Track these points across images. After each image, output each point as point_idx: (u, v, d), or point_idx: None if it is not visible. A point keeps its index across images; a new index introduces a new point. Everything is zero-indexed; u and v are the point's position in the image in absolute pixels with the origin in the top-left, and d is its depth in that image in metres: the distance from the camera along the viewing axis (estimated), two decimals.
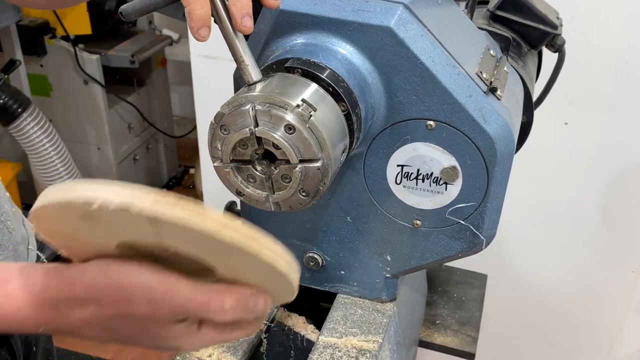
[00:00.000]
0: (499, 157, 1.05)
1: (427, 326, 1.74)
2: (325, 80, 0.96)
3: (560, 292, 2.72)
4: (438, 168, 1.08)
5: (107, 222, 0.67)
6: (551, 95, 1.59)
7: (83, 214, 0.67)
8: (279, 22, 1.04)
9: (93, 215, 0.66)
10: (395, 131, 1.07)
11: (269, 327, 1.34)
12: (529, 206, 2.54)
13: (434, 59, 1.01)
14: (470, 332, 1.74)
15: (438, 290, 1.89)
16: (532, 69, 1.49)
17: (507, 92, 1.14)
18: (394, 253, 1.21)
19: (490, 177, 1.07)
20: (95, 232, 0.71)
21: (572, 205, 2.51)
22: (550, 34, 1.45)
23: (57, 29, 3.61)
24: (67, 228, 0.72)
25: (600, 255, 2.59)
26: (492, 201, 1.10)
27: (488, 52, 1.19)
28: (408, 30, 1.00)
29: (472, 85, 1.03)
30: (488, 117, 1.03)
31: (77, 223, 0.69)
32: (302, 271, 1.31)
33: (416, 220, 1.16)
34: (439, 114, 1.03)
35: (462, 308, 1.83)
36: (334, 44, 1.02)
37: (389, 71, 1.02)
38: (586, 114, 2.32)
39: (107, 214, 0.65)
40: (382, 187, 1.14)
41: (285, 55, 1.00)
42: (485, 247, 1.16)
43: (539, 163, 2.42)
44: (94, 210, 0.65)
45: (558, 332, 2.82)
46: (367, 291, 1.28)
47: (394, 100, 1.04)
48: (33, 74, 3.69)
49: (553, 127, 2.36)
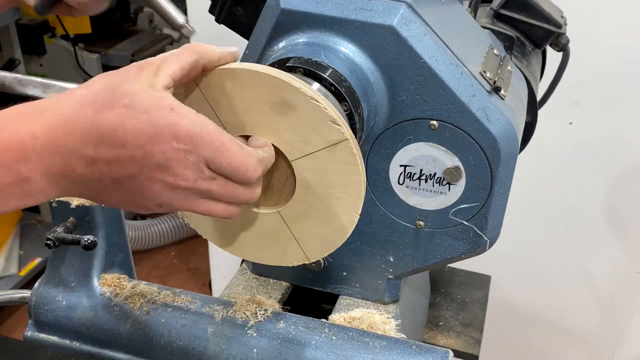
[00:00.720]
0: (502, 157, 1.05)
1: (430, 328, 1.74)
2: (327, 79, 0.96)
3: (564, 293, 2.72)
4: (441, 168, 1.08)
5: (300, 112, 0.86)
6: (555, 95, 1.59)
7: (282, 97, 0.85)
8: (280, 21, 1.04)
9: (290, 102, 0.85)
10: (398, 131, 1.07)
11: None
12: (533, 207, 2.54)
13: (437, 58, 1.01)
14: (473, 333, 1.74)
15: (441, 292, 1.89)
16: (536, 68, 1.49)
17: (510, 92, 1.14)
18: (396, 254, 1.21)
19: (494, 177, 1.06)
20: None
21: (577, 206, 2.51)
22: (555, 32, 1.44)
23: (56, 28, 3.62)
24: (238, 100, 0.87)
25: (606, 256, 2.59)
26: (496, 202, 1.10)
27: (492, 51, 1.19)
28: (411, 29, 1.00)
29: (475, 84, 1.03)
30: (492, 117, 1.03)
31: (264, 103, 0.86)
32: (304, 273, 1.31)
33: (419, 220, 1.16)
34: (442, 114, 1.03)
35: (465, 309, 1.83)
36: (336, 43, 1.02)
37: (391, 70, 1.02)
38: (591, 113, 2.32)
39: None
40: (385, 188, 1.14)
41: (287, 55, 1.00)
42: (489, 248, 1.16)
43: (543, 163, 2.42)
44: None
45: (563, 334, 2.82)
46: (370, 293, 1.28)
47: (397, 99, 1.04)
48: (32, 74, 3.69)
49: (557, 127, 2.36)
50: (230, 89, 0.87)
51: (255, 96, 0.86)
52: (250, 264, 1.38)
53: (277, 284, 1.35)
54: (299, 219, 0.96)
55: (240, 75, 0.86)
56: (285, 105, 0.86)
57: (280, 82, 0.84)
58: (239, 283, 1.36)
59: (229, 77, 0.86)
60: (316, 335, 1.14)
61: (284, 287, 1.35)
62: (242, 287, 1.35)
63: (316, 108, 0.85)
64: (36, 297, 1.29)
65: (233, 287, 1.35)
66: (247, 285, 1.35)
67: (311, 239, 0.97)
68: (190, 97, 0.89)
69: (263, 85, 0.85)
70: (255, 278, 1.37)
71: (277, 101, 0.86)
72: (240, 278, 1.37)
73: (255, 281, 1.36)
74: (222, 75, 0.86)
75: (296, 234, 0.97)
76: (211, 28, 1.28)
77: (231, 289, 1.34)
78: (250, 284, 1.35)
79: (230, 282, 1.37)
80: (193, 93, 0.88)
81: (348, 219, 0.93)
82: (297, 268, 1.29)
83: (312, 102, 0.85)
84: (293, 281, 1.35)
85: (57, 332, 1.27)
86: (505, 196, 1.12)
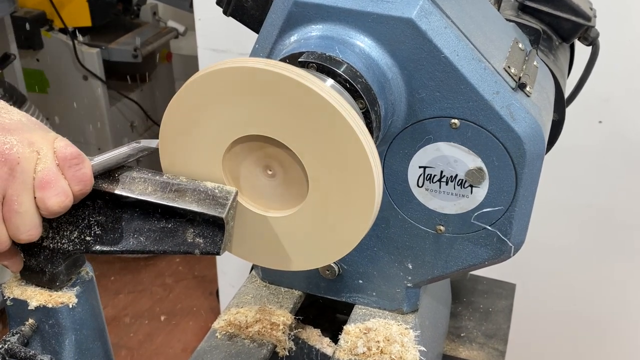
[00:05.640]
0: (528, 157, 1.05)
1: (451, 339, 1.74)
2: (342, 75, 0.96)
3: (594, 302, 2.71)
4: (463, 170, 1.09)
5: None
6: (584, 92, 1.59)
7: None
8: (292, 14, 1.05)
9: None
10: (417, 130, 1.08)
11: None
12: (560, 210, 2.53)
13: (459, 53, 1.01)
14: (497, 345, 1.73)
15: (463, 301, 1.89)
16: (563, 64, 1.48)
17: (536, 89, 1.14)
18: (415, 261, 1.22)
19: (518, 179, 1.06)
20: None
21: (607, 209, 2.51)
22: (583, 25, 1.44)
23: (54, 20, 3.64)
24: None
25: (637, 262, 2.58)
26: (521, 205, 1.10)
27: (516, 46, 1.19)
28: (431, 22, 1.00)
29: (499, 80, 1.03)
30: (516, 115, 1.03)
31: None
32: (317, 280, 1.31)
33: (439, 225, 1.16)
34: (464, 112, 1.04)
35: (488, 320, 1.82)
36: (352, 37, 1.02)
37: (410, 66, 1.02)
38: (622, 111, 2.32)
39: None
40: (403, 190, 1.14)
41: (299, 49, 1.00)
42: (513, 255, 1.16)
43: (571, 164, 2.41)
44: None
45: (591, 345, 2.81)
46: (387, 302, 1.29)
47: (416, 97, 1.04)
48: (29, 69, 3.71)
49: (586, 125, 2.35)
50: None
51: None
52: (260, 271, 1.38)
53: (289, 293, 1.35)
54: (311, 221, 0.96)
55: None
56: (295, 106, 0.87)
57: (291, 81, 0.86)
58: (248, 292, 1.36)
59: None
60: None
61: (296, 295, 1.35)
62: (251, 296, 1.35)
63: (325, 106, 0.86)
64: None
65: (242, 296, 1.35)
66: (256, 294, 1.36)
67: (324, 241, 0.98)
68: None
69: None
70: (266, 286, 1.38)
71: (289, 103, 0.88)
72: (249, 286, 1.38)
73: (265, 290, 1.37)
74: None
75: (309, 237, 0.98)
76: (219, 21, 1.28)
77: (240, 298, 1.35)
78: (260, 293, 1.36)
79: (238, 290, 1.37)
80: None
81: (362, 219, 0.93)
82: (310, 276, 1.29)
83: (322, 102, 0.86)
84: (306, 289, 1.35)
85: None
86: (531, 199, 1.12)
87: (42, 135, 0.93)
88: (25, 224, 0.91)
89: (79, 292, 1.05)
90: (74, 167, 0.92)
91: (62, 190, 0.91)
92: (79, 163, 0.92)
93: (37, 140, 0.91)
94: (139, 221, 0.98)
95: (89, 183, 0.94)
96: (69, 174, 0.92)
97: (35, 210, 0.91)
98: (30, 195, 0.90)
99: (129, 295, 3.83)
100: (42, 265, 1.02)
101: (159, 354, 3.54)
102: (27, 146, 0.90)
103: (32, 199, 0.90)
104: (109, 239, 0.99)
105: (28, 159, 0.89)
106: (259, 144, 0.93)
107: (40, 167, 0.90)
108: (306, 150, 0.90)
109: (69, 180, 0.92)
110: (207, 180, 0.97)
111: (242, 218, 0.99)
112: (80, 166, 0.92)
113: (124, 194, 0.96)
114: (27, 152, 0.89)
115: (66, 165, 0.91)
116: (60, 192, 0.91)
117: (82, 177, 0.92)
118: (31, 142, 0.90)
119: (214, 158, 0.96)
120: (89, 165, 0.94)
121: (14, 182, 0.88)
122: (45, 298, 1.04)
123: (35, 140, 0.91)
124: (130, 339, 3.60)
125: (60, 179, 0.91)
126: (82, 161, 0.93)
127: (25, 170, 0.89)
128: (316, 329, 1.38)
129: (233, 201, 0.95)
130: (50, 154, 0.91)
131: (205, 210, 0.93)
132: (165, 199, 0.95)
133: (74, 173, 0.92)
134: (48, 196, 0.90)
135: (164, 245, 0.97)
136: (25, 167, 0.89)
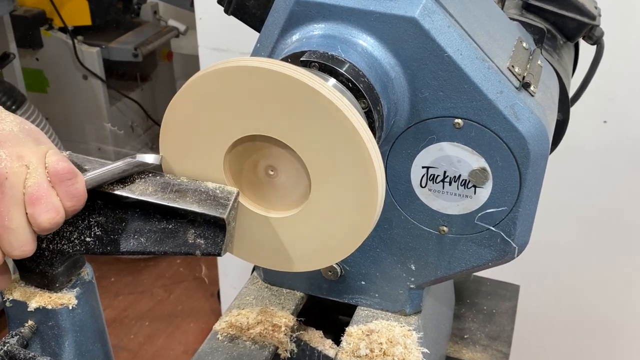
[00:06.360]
0: (532, 158, 1.05)
1: (454, 341, 1.74)
2: (344, 75, 0.96)
3: (598, 303, 2.71)
4: (466, 170, 1.08)
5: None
6: (589, 91, 1.59)
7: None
8: (294, 13, 1.05)
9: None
10: (420, 130, 1.07)
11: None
12: (565, 211, 2.53)
13: (462, 52, 1.01)
14: (501, 347, 1.73)
15: (466, 302, 1.89)
16: (568, 63, 1.48)
17: (541, 88, 1.14)
18: (418, 262, 1.22)
19: (522, 179, 1.06)
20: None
21: (612, 209, 2.50)
22: (588, 24, 1.44)
23: (54, 19, 3.64)
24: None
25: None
26: (525, 206, 1.10)
27: (520, 45, 1.19)
28: (434, 20, 1.00)
29: (503, 80, 1.03)
30: (520, 115, 1.03)
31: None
32: (319, 282, 1.31)
33: (443, 226, 1.16)
34: (468, 112, 1.04)
35: (492, 321, 1.82)
36: (354, 36, 1.02)
37: (413, 65, 1.02)
38: (627, 111, 2.32)
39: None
40: (406, 191, 1.14)
41: (301, 48, 1.00)
42: (517, 256, 1.16)
43: (575, 164, 2.41)
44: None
45: (596, 347, 2.81)
46: (390, 303, 1.29)
47: (419, 96, 1.04)
48: (28, 69, 3.71)
49: (591, 125, 2.35)
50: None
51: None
52: (261, 272, 1.38)
53: (291, 294, 1.36)
54: (313, 222, 0.96)
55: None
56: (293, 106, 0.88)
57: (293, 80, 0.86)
58: (250, 293, 1.36)
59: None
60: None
61: (298, 297, 1.35)
62: (253, 297, 1.35)
63: (327, 106, 0.86)
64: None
65: (243, 298, 1.35)
66: (258, 295, 1.36)
67: (327, 242, 0.98)
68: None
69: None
70: (267, 287, 1.38)
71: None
72: (251, 287, 1.38)
73: (267, 291, 1.37)
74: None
75: (310, 238, 0.98)
76: (220, 19, 1.28)
77: (241, 299, 1.35)
78: (262, 294, 1.36)
79: (240, 292, 1.37)
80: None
81: (365, 220, 0.93)
82: (312, 277, 1.29)
83: (325, 101, 0.86)
84: (308, 291, 1.35)
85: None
86: (535, 200, 1.11)
87: (32, 148, 0.91)
88: (18, 240, 0.90)
89: (79, 293, 1.05)
90: (66, 183, 0.90)
91: (53, 207, 0.89)
92: (72, 178, 0.91)
93: (27, 154, 0.90)
94: (139, 222, 0.98)
95: (82, 199, 0.92)
96: (61, 190, 0.90)
97: (27, 225, 0.90)
98: (21, 211, 0.89)
99: (129, 296, 3.82)
100: (41, 266, 1.02)
101: (160, 356, 3.54)
102: (15, 160, 0.88)
103: (23, 215, 0.89)
104: (109, 239, 0.99)
105: (16, 174, 0.88)
106: (260, 144, 0.93)
107: (30, 182, 0.88)
108: (308, 151, 0.90)
109: (61, 196, 0.90)
110: (208, 180, 0.97)
111: (244, 219, 0.99)
112: (73, 181, 0.91)
113: (124, 194, 0.96)
114: (16, 166, 0.88)
115: (58, 180, 0.90)
116: (51, 208, 0.89)
117: (74, 192, 0.91)
118: (20, 155, 0.89)
119: (215, 158, 0.96)
120: (82, 181, 0.92)
121: (3, 198, 0.87)
122: (45, 299, 1.03)
123: (25, 154, 0.90)
124: (131, 340, 3.60)
125: (51, 194, 0.89)
126: (74, 176, 0.91)
127: (14, 186, 0.87)
128: (318, 331, 1.38)
129: (234, 202, 0.95)
130: (40, 168, 0.90)
131: (207, 211, 0.93)
132: (166, 200, 0.95)
133: (66, 189, 0.90)
134: (38, 212, 0.88)
135: (165, 246, 0.97)
136: (14, 182, 0.87)
